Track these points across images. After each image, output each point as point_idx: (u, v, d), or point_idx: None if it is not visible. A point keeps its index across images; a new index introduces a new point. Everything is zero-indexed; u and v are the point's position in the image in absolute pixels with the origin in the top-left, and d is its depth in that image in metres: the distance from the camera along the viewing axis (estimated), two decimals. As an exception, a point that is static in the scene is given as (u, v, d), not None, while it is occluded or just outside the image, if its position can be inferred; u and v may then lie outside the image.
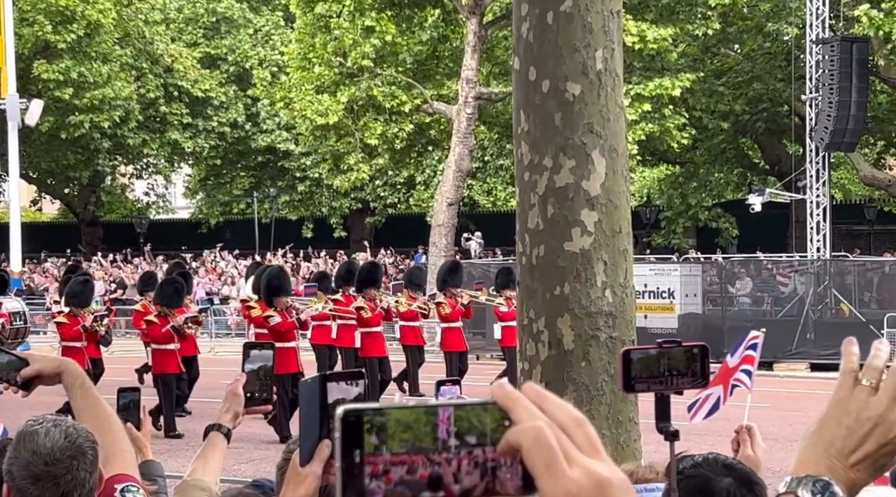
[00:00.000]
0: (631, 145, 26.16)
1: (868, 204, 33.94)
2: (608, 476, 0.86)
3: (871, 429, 1.22)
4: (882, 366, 1.24)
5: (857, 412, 1.23)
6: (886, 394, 1.22)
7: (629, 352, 2.23)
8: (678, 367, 2.23)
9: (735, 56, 31.68)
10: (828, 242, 25.18)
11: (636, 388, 2.24)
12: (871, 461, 1.23)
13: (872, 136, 33.56)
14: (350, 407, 0.87)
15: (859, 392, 1.24)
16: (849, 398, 1.24)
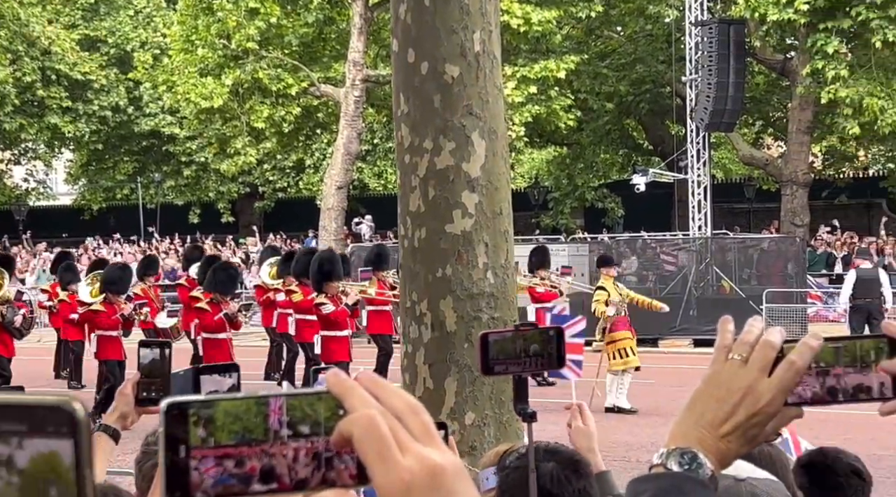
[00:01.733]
0: (518, 127, 26.39)
1: (747, 183, 34.87)
2: (441, 463, 0.86)
3: (740, 400, 1.24)
4: (753, 340, 1.26)
5: (728, 384, 1.25)
6: (755, 365, 1.24)
7: (487, 335, 2.24)
8: (535, 349, 2.25)
9: (618, 38, 32.18)
10: (709, 221, 25.81)
11: (495, 370, 2.25)
12: (740, 432, 1.25)
13: (751, 116, 34.50)
14: (174, 399, 0.85)
15: (730, 365, 1.26)
16: (721, 372, 1.26)
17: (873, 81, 22.29)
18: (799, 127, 28.35)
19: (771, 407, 1.24)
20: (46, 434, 0.71)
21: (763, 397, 1.24)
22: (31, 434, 0.71)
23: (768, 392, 1.24)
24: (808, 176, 29.15)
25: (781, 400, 1.24)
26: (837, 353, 1.25)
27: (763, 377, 1.24)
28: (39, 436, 0.71)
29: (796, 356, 1.23)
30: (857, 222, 31.12)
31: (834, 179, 33.08)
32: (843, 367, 1.25)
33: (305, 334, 14.97)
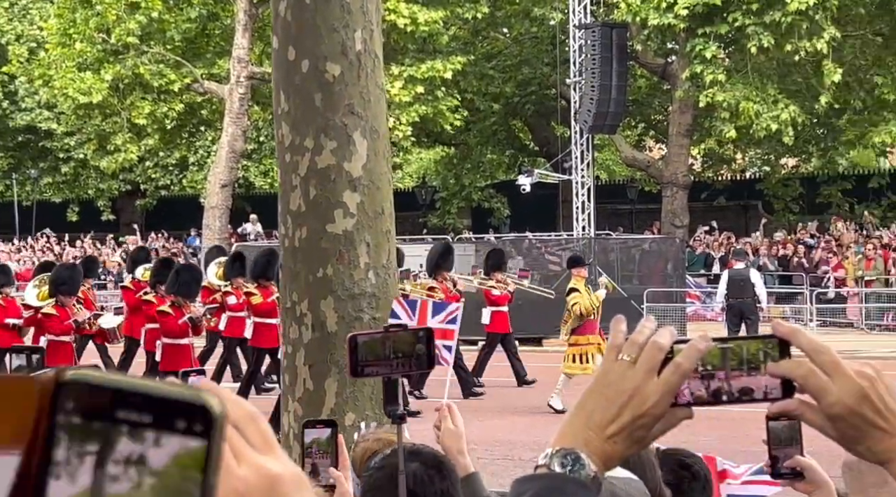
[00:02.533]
0: (405, 127, 26.42)
1: (630, 184, 35.52)
2: (279, 472, 0.83)
3: (626, 401, 1.24)
4: (643, 341, 1.25)
5: (616, 385, 1.25)
6: (643, 366, 1.24)
7: (356, 336, 2.22)
8: (404, 350, 2.24)
9: (504, 40, 32.48)
10: (592, 221, 26.24)
11: (364, 372, 2.23)
12: (627, 433, 1.25)
13: (633, 118, 35.19)
14: None
15: (619, 366, 1.26)
16: (609, 372, 1.26)
17: (749, 86, 22.97)
18: (679, 130, 29.06)
19: (657, 408, 1.24)
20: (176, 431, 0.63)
21: (649, 399, 1.24)
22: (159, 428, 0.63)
23: (654, 393, 1.23)
24: (687, 178, 29.88)
25: (667, 401, 1.24)
26: (724, 355, 1.25)
27: (650, 378, 1.24)
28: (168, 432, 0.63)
29: (683, 358, 1.23)
30: (734, 223, 31.98)
31: (712, 181, 33.95)
32: (729, 369, 1.25)
33: (263, 339, 14.49)
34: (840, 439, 1.26)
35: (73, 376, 0.63)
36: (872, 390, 1.23)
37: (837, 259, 24.91)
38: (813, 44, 21.63)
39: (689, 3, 22.09)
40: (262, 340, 14.61)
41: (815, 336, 1.27)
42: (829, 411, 1.23)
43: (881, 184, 31.50)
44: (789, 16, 21.08)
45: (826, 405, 1.23)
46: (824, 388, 1.22)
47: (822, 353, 1.23)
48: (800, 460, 2.13)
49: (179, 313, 13.05)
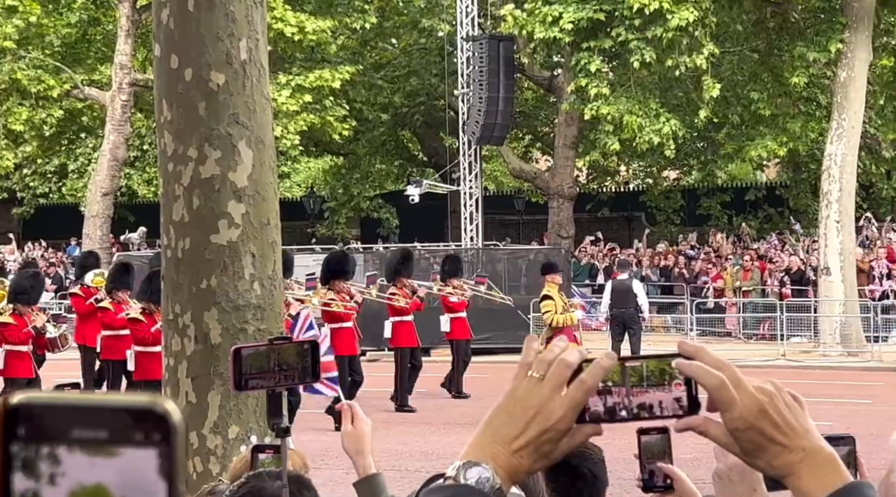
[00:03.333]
0: (293, 136, 26.22)
1: (517, 195, 35.92)
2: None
3: (533, 416, 1.27)
4: (552, 358, 1.28)
5: (523, 400, 1.28)
6: (550, 383, 1.27)
7: (240, 349, 2.20)
8: (289, 362, 2.23)
9: (393, 50, 32.55)
10: (480, 232, 26.45)
11: (249, 385, 2.21)
12: (533, 447, 1.28)
13: (521, 130, 35.61)
14: None
15: (527, 382, 1.29)
16: (518, 388, 1.29)
17: (632, 100, 23.45)
18: (565, 142, 29.52)
19: (562, 424, 1.27)
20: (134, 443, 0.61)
21: (554, 414, 1.27)
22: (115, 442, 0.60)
23: (560, 409, 1.26)
24: (573, 189, 30.36)
25: (572, 417, 1.27)
26: (623, 373, 1.28)
27: (556, 395, 1.27)
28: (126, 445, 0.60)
29: (587, 375, 1.26)
30: (618, 234, 32.63)
31: (597, 193, 34.58)
32: (629, 387, 1.28)
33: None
34: (741, 453, 1.30)
35: (21, 401, 0.61)
36: (772, 406, 1.28)
37: (716, 270, 25.61)
38: (693, 59, 22.22)
39: (574, 18, 22.47)
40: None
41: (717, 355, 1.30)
42: (731, 425, 1.27)
43: (758, 196, 32.53)
44: (670, 32, 21.62)
45: (729, 419, 1.27)
46: (731, 400, 1.26)
47: (725, 369, 1.27)
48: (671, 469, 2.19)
49: (152, 321, 12.58)
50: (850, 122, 22.38)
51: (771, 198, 32.47)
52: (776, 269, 24.64)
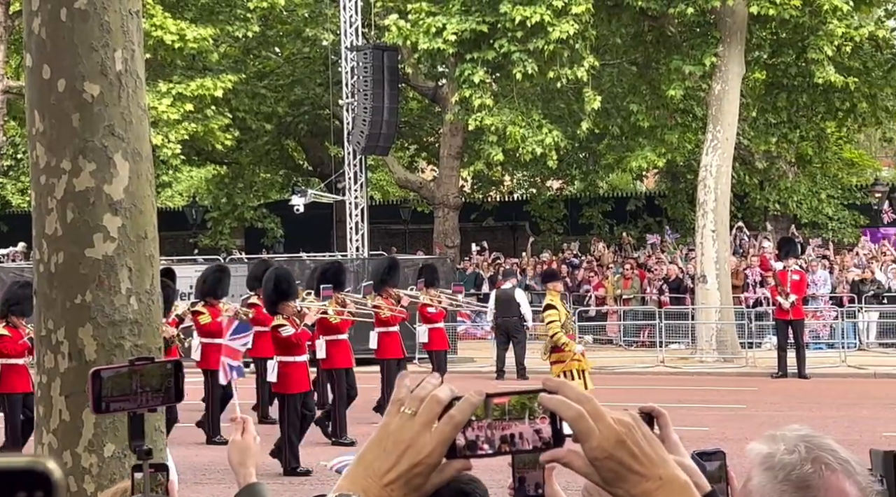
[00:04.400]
0: (174, 145, 25.78)
1: (403, 204, 36.01)
2: None
3: (404, 451, 1.31)
4: (424, 395, 1.33)
5: (395, 435, 1.33)
6: (421, 419, 1.32)
7: (99, 372, 2.17)
8: (152, 383, 2.20)
9: (276, 59, 32.30)
10: (366, 241, 26.41)
11: (110, 408, 2.18)
12: (403, 481, 1.31)
13: (406, 140, 35.72)
14: None
15: (400, 418, 1.33)
16: (390, 424, 1.33)
17: (515, 111, 23.74)
18: (450, 152, 29.73)
19: (431, 458, 1.31)
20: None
21: (425, 449, 1.31)
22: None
23: (430, 444, 1.31)
24: (458, 199, 30.59)
25: (441, 451, 1.31)
26: (486, 407, 1.33)
27: (427, 430, 1.31)
28: None
29: (456, 410, 1.31)
30: (503, 244, 32.97)
31: (482, 202, 34.89)
32: (492, 420, 1.33)
33: (212, 360, 13.63)
34: (602, 482, 1.35)
35: None
36: (630, 436, 1.33)
37: (598, 278, 26.09)
38: (574, 72, 22.61)
39: (457, 29, 22.65)
40: (211, 362, 13.87)
41: (581, 388, 1.37)
42: (590, 455, 1.32)
43: (637, 206, 33.26)
44: (551, 44, 21.96)
45: (588, 449, 1.32)
46: (590, 431, 1.32)
47: (586, 403, 1.33)
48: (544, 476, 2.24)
49: None
50: (724, 133, 23.10)
51: (650, 207, 33.25)
52: (655, 277, 25.23)
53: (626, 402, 13.63)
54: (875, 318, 22.73)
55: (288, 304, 12.15)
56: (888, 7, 25.56)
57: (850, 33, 22.16)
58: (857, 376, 19.45)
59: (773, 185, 29.42)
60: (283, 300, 12.14)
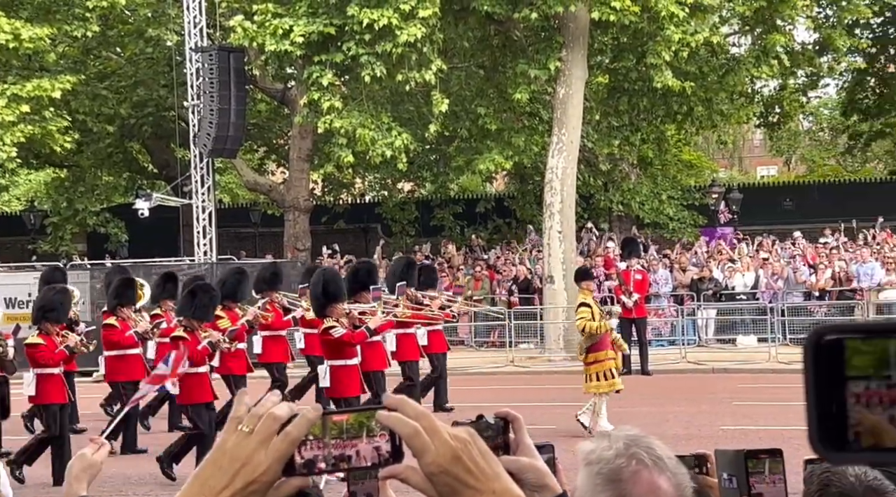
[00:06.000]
0: (9, 148, 24.82)
1: (253, 207, 35.52)
2: None
3: (239, 468, 1.32)
4: (262, 413, 1.33)
5: (231, 453, 1.33)
6: (258, 437, 1.32)
7: None
8: None
9: (118, 60, 31.39)
10: (214, 246, 25.93)
11: None
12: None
13: (255, 142, 35.25)
14: None
15: (237, 436, 1.34)
16: (227, 441, 1.34)
17: (364, 113, 23.68)
18: (299, 154, 29.46)
19: (266, 476, 1.31)
20: None
21: (260, 467, 1.31)
22: None
23: (265, 462, 1.31)
24: (309, 202, 30.34)
25: (277, 469, 1.31)
26: (324, 426, 1.33)
27: (263, 448, 1.31)
28: None
29: (292, 427, 1.32)
30: (355, 246, 32.85)
31: (333, 205, 34.71)
32: (329, 439, 1.34)
33: (234, 366, 13.25)
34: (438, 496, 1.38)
35: None
36: (465, 452, 1.37)
37: (449, 280, 26.27)
38: (422, 75, 22.70)
39: (304, 31, 22.44)
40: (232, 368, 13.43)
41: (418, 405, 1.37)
42: (426, 470, 1.35)
43: (487, 208, 33.67)
44: (399, 47, 21.99)
45: (424, 464, 1.35)
46: (425, 447, 1.35)
47: (423, 419, 1.36)
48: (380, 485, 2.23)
49: (196, 338, 11.80)
50: (569, 136, 23.59)
51: (500, 209, 33.69)
52: (504, 278, 25.56)
53: (479, 403, 13.70)
54: (713, 316, 23.56)
55: (337, 306, 11.98)
56: (722, 14, 26.53)
57: (686, 39, 22.91)
58: (697, 372, 20.13)
59: (617, 187, 30.21)
60: (333, 302, 11.96)
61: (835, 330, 0.87)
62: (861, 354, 0.85)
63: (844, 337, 0.86)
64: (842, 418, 0.85)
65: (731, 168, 54.54)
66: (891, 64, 35.06)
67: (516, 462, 1.59)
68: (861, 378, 0.85)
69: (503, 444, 1.62)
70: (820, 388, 0.86)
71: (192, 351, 11.58)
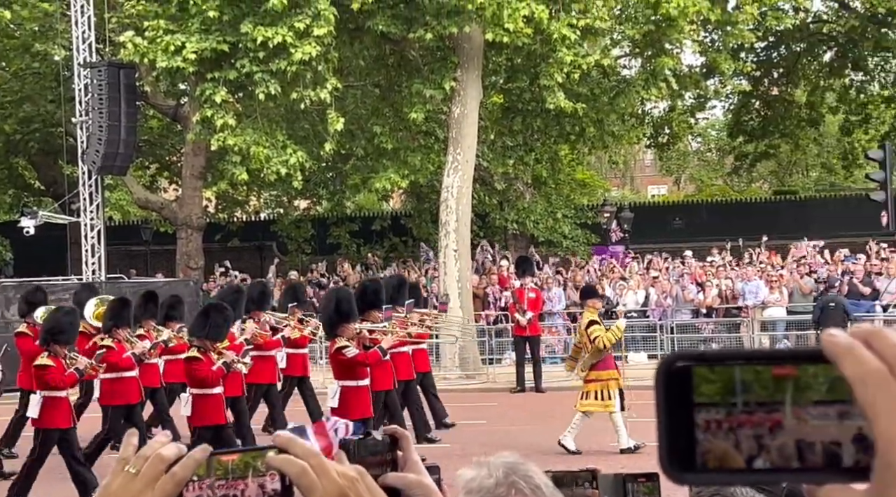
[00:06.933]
0: None
1: (144, 225, 34.89)
2: None
3: None
4: (150, 454, 1.32)
5: (116, 495, 1.31)
6: (144, 478, 1.31)
7: None
8: None
9: (2, 74, 30.56)
10: (103, 264, 25.38)
11: None
12: None
13: (147, 159, 34.64)
14: None
15: (123, 477, 1.32)
16: (112, 483, 1.32)
17: (259, 131, 23.49)
18: (192, 172, 29.05)
19: None
20: None
21: None
22: None
23: None
24: (202, 220, 29.92)
25: None
26: (209, 466, 1.33)
27: (149, 489, 1.30)
28: None
29: (178, 467, 1.31)
30: (250, 264, 32.51)
31: (227, 223, 34.28)
32: (214, 479, 1.33)
33: (230, 387, 12.68)
34: None
35: None
36: (353, 489, 1.38)
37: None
38: (317, 93, 22.61)
39: (197, 48, 22.17)
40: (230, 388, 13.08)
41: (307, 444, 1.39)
42: None
43: (383, 226, 33.65)
44: (294, 65, 21.87)
45: None
46: (313, 486, 1.35)
47: (311, 458, 1.37)
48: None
49: (210, 359, 11.66)
50: (464, 155, 23.78)
51: (396, 227, 33.71)
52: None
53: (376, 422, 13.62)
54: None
55: (348, 325, 11.90)
56: (613, 37, 27.09)
57: (578, 61, 23.30)
58: (590, 388, 20.39)
59: (512, 206, 30.51)
60: (345, 322, 11.88)
61: (684, 358, 0.91)
62: (708, 382, 0.89)
63: (693, 365, 0.90)
64: (690, 442, 0.89)
65: (624, 187, 55.65)
66: (774, 87, 36.27)
67: (403, 479, 1.60)
68: (708, 404, 0.89)
69: (391, 462, 1.64)
70: (670, 414, 0.90)
71: (207, 372, 11.60)
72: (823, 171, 45.59)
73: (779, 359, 0.90)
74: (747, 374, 0.89)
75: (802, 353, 0.89)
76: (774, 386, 0.88)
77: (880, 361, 0.85)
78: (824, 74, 35.11)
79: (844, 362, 0.85)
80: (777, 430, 0.88)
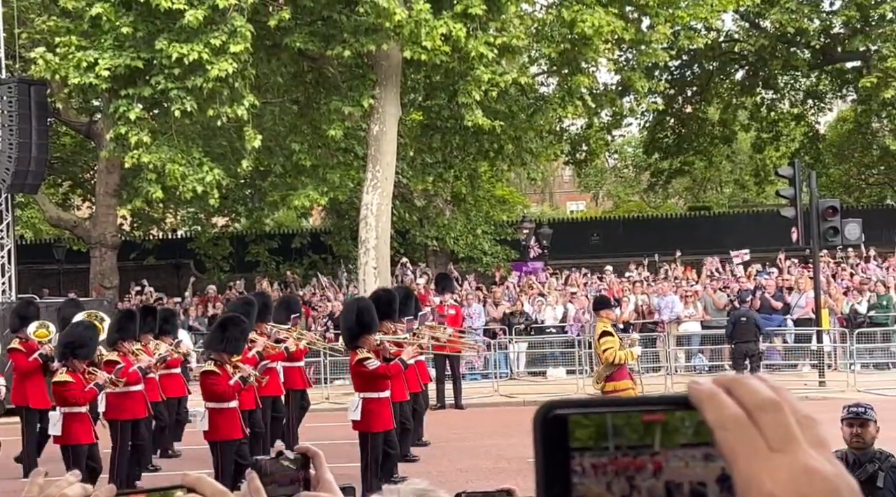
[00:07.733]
0: None
1: (57, 244, 34.20)
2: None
3: None
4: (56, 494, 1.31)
5: None
6: None
7: None
8: None
9: None
10: (13, 283, 24.81)
11: None
12: None
13: (59, 176, 33.99)
14: None
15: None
16: None
17: (175, 148, 23.20)
18: (106, 189, 28.57)
19: None
20: None
21: None
22: None
23: None
24: (116, 238, 29.44)
25: None
26: None
27: None
28: None
29: None
30: (167, 282, 32.04)
31: (143, 241, 33.76)
32: None
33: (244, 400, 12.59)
34: None
35: None
36: None
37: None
38: (234, 110, 22.42)
39: (110, 65, 21.83)
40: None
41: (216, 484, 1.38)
42: None
43: (303, 244, 33.47)
44: (210, 82, 21.64)
45: None
46: None
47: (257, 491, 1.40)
48: None
49: (227, 373, 11.56)
50: (383, 173, 23.77)
51: (315, 244, 33.55)
52: (320, 314, 25.43)
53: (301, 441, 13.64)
54: (524, 349, 24.09)
55: (369, 337, 11.90)
56: (531, 55, 27.36)
57: (495, 79, 23.47)
58: (509, 404, 20.50)
59: (432, 223, 30.58)
60: (366, 333, 11.87)
61: (560, 406, 0.94)
62: (583, 427, 0.93)
63: (568, 413, 0.93)
64: (566, 486, 0.92)
65: (543, 203, 56.18)
66: (688, 105, 37.00)
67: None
68: (583, 449, 0.92)
69: (304, 480, 1.62)
70: (547, 460, 0.93)
71: (225, 386, 11.55)
72: (737, 188, 46.58)
73: (648, 405, 0.94)
74: (619, 420, 0.93)
75: (670, 399, 0.94)
76: (644, 430, 0.93)
77: (739, 407, 0.89)
78: (736, 92, 35.95)
79: (706, 408, 0.90)
80: (647, 472, 0.92)
